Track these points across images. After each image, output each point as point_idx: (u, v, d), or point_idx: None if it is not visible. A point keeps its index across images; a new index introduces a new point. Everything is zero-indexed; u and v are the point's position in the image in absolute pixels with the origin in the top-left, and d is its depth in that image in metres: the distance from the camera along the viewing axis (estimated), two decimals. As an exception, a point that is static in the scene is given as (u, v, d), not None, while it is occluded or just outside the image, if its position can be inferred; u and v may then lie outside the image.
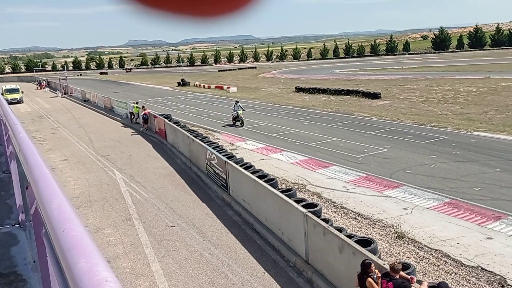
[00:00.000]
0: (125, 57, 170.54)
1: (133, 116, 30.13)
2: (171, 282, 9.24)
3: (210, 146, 16.98)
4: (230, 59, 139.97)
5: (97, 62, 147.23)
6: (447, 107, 29.27)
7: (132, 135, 26.83)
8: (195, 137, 18.88)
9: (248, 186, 12.47)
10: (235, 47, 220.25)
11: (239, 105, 26.60)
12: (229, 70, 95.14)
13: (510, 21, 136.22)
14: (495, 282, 8.38)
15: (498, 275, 8.59)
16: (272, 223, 11.03)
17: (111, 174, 17.89)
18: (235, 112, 26.49)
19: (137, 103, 30.90)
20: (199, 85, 59.39)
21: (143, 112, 27.25)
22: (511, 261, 9.04)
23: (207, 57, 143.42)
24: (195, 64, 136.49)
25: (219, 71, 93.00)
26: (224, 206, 13.69)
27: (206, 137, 20.90)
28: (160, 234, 11.72)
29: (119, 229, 12.24)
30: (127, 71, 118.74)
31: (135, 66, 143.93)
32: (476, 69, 53.66)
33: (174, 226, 12.23)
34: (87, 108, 41.24)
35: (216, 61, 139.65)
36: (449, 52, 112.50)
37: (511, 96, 30.99)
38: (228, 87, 52.95)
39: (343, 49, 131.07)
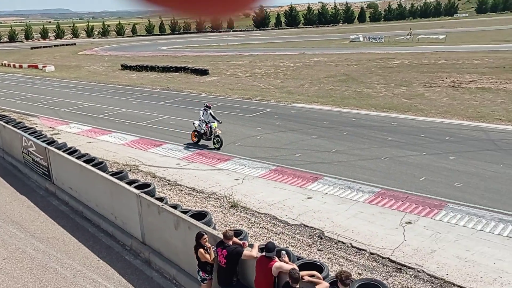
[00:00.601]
0: None
1: None
2: (-13, 288, 8.12)
3: (26, 132, 15.21)
4: (44, 35, 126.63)
5: None
6: (269, 82, 31.37)
7: None
8: (7, 123, 16.71)
9: (74, 172, 11.56)
10: (50, 22, 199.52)
11: (210, 113, 16.19)
12: (44, 47, 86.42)
13: (319, 2, 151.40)
14: (315, 235, 9.40)
15: (318, 229, 9.64)
16: (104, 208, 10.48)
17: None
18: (204, 124, 16.05)
19: None
20: (8, 64, 52.80)
21: None
22: (327, 216, 10.22)
23: (16, 32, 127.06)
24: (2, 40, 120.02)
25: (32, 48, 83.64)
26: (48, 197, 12.50)
27: (21, 122, 18.65)
28: (-31, 237, 10.15)
29: None
30: None
31: None
32: (293, 45, 58.54)
33: (-12, 225, 10.72)
34: None
35: (28, 37, 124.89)
36: (269, 29, 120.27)
37: (322, 70, 34.70)
38: (44, 66, 48.08)
39: (169, 25, 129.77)
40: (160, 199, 9.44)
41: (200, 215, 8.67)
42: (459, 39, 54.22)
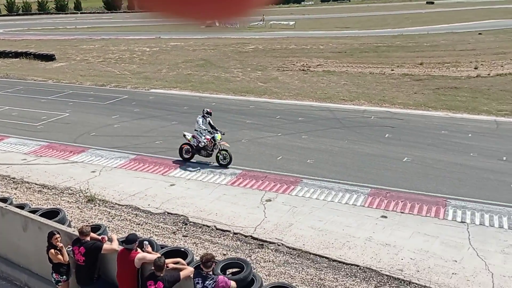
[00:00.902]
0: None
1: None
2: None
3: None
4: None
5: None
6: (124, 67, 30.02)
7: None
8: None
9: None
10: None
11: (209, 122, 12.71)
12: None
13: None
14: (179, 222, 9.33)
15: (182, 215, 9.58)
16: None
17: None
18: (203, 136, 12.38)
19: None
20: None
21: None
22: (191, 201, 10.22)
23: None
24: None
25: None
26: None
27: None
28: None
29: None
30: None
31: None
32: (147, 29, 56.73)
33: None
34: None
35: None
36: (121, 12, 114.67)
37: (179, 55, 34.32)
38: None
39: (5, 6, 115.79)
40: (4, 200, 8.48)
41: (52, 213, 7.96)
42: (307, 26, 58.22)
